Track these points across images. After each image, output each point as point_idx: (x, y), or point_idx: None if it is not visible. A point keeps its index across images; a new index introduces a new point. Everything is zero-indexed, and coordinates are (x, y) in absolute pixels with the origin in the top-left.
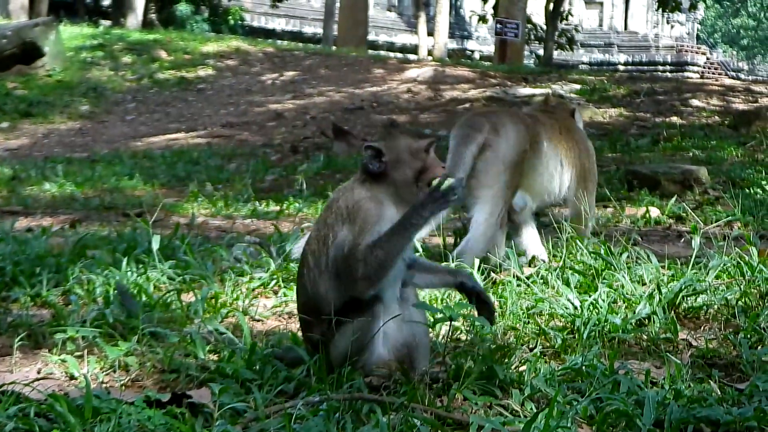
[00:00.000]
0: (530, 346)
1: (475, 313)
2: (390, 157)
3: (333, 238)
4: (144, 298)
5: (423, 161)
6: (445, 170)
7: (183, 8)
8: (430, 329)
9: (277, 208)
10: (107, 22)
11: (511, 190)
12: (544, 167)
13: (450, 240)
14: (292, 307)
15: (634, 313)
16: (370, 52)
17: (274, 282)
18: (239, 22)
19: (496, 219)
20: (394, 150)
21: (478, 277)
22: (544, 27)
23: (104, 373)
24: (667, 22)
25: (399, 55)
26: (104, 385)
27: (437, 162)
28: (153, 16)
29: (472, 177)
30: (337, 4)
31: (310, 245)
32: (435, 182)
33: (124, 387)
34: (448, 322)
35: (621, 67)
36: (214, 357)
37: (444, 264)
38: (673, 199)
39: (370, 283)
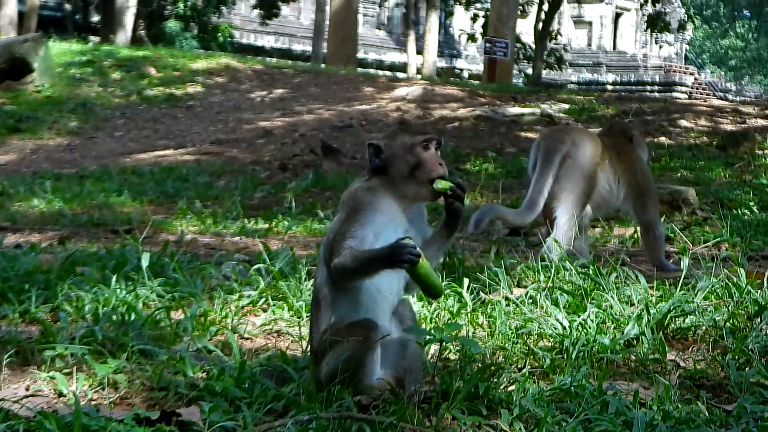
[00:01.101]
0: (519, 366)
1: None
2: (387, 153)
3: (330, 227)
4: (133, 315)
5: (418, 157)
6: (443, 168)
7: (172, 25)
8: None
9: (266, 225)
10: (96, 39)
11: (587, 196)
12: (605, 181)
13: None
14: (282, 325)
15: (623, 333)
16: (360, 70)
17: (263, 300)
18: (229, 39)
19: (576, 220)
20: (391, 147)
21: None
22: (533, 46)
23: (93, 390)
24: (656, 42)
25: (388, 73)
26: (93, 403)
27: (435, 158)
28: (142, 32)
29: (556, 183)
30: (327, 22)
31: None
32: (438, 185)
33: (113, 405)
34: (438, 342)
35: (609, 87)
36: (203, 375)
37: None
38: (662, 219)
39: (336, 272)
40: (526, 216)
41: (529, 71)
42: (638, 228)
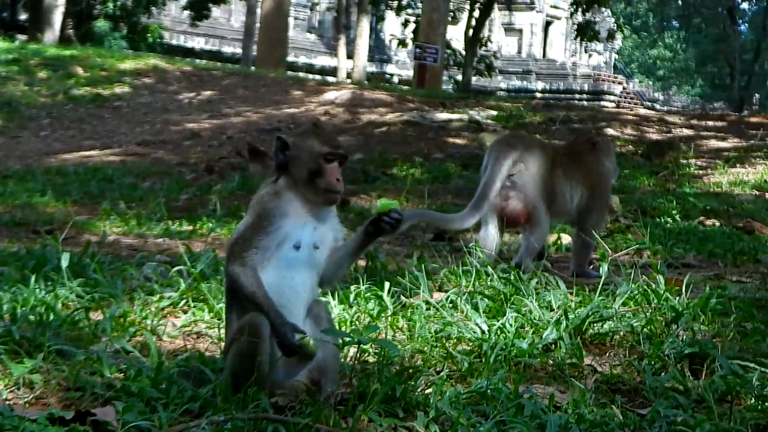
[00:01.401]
0: (437, 369)
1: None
2: (293, 152)
3: (237, 227)
4: (51, 315)
5: (319, 166)
6: (340, 184)
7: (101, 25)
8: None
9: (190, 227)
10: (24, 37)
11: (548, 202)
12: (560, 190)
13: (362, 263)
14: (201, 326)
15: (541, 338)
16: (289, 73)
17: (183, 302)
18: (158, 40)
19: (545, 226)
20: (298, 147)
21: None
22: (464, 53)
23: (8, 390)
24: (585, 51)
25: (318, 77)
26: (7, 403)
27: (335, 173)
28: (71, 31)
29: (515, 190)
30: (257, 25)
31: None
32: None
33: (27, 404)
34: (356, 345)
35: (539, 95)
36: (120, 375)
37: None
38: None
39: (230, 280)
40: (467, 219)
41: (459, 77)
42: (573, 229)
